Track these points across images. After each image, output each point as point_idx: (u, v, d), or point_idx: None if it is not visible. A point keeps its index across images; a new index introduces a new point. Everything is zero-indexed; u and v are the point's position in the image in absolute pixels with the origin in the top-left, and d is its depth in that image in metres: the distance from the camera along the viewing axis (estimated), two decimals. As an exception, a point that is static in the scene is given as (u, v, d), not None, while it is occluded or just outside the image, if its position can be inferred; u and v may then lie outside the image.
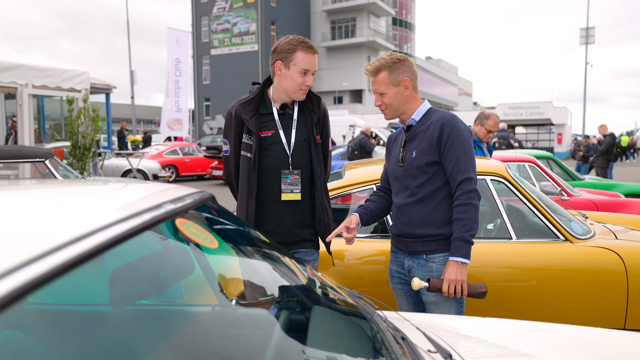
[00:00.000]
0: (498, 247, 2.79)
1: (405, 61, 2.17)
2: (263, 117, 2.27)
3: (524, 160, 6.11)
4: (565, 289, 2.67)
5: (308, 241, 2.34)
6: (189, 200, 1.20)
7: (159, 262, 1.15)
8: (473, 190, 2.04)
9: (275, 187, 2.26)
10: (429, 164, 2.12)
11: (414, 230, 2.17)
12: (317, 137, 2.30)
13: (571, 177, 7.50)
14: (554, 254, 2.72)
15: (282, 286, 1.55)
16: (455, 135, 2.07)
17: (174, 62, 20.02)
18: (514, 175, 3.00)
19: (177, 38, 20.02)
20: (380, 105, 2.20)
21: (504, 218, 2.84)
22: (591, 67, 31.76)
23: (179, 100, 20.63)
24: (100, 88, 11.42)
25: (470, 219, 2.02)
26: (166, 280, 1.21)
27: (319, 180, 2.29)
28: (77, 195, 1.26)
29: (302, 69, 2.18)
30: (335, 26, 43.87)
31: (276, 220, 2.28)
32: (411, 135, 2.21)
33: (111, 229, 0.84)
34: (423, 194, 2.14)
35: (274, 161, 2.25)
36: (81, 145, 8.75)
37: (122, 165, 12.92)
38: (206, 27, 40.54)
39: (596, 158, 12.59)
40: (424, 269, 2.17)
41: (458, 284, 2.02)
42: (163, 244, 1.14)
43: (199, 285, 1.44)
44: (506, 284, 2.70)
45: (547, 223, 2.80)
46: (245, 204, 2.26)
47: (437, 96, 54.33)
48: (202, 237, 1.24)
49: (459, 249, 2.02)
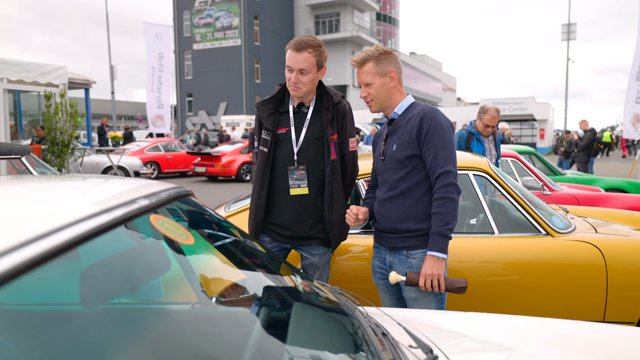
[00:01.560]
0: (480, 241, 2.81)
1: (391, 53, 2.19)
2: (282, 115, 2.42)
3: (506, 156, 6.19)
4: (547, 283, 2.70)
5: (316, 238, 2.41)
6: (164, 195, 1.18)
7: (132, 259, 1.13)
8: (451, 184, 2.04)
9: (286, 181, 2.38)
10: (408, 157, 2.11)
11: (394, 225, 2.17)
12: (333, 136, 2.37)
13: (553, 172, 7.60)
14: (536, 248, 2.75)
15: (263, 284, 1.53)
16: (435, 128, 2.07)
17: (157, 57, 19.77)
18: (497, 170, 3.02)
19: (156, 32, 19.75)
20: (366, 97, 2.20)
21: (486, 213, 2.86)
22: (572, 62, 32.24)
23: (161, 96, 20.40)
24: (79, 83, 11.22)
25: (448, 213, 2.02)
26: (140, 278, 1.18)
27: (327, 178, 2.36)
28: (49, 191, 1.23)
29: (287, 66, 2.30)
30: (319, 21, 43.76)
31: (285, 213, 2.39)
32: (392, 128, 2.21)
33: (80, 224, 0.81)
34: (403, 187, 2.14)
35: (284, 157, 2.38)
36: (59, 141, 8.60)
37: (103, 162, 12.73)
38: (188, 21, 40.08)
39: (577, 153, 12.78)
40: (404, 265, 2.17)
41: (435, 279, 2.02)
42: (137, 240, 1.12)
43: (178, 283, 1.42)
44: (488, 278, 2.73)
45: (528, 217, 2.83)
46: (257, 195, 2.42)
47: (422, 92, 54.61)
48: (178, 233, 1.21)
49: (436, 243, 2.02)
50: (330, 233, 2.40)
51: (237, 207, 3.14)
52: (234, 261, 1.56)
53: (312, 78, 2.31)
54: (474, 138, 4.83)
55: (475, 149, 4.80)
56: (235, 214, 3.03)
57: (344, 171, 2.47)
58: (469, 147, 4.80)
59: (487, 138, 4.89)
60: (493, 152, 4.91)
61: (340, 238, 2.48)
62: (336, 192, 2.40)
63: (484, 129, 4.79)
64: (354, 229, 2.93)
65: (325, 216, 2.39)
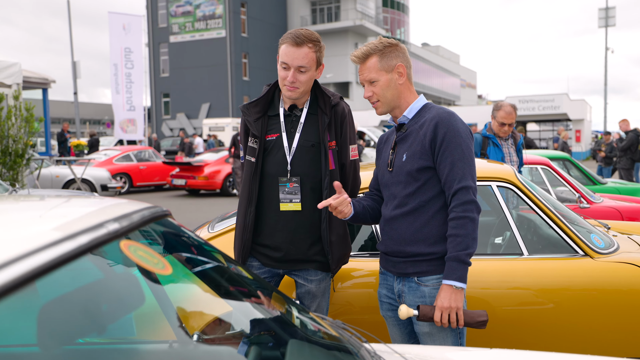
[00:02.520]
0: (507, 264, 2.80)
1: (397, 45, 2.21)
2: (271, 119, 2.44)
3: (536, 163, 6.20)
4: (586, 312, 2.70)
5: (313, 261, 2.41)
6: (136, 217, 1.19)
7: (100, 293, 1.13)
8: (471, 201, 2.05)
9: (277, 195, 2.39)
10: (420, 169, 2.12)
11: (403, 248, 2.17)
12: (331, 143, 2.40)
13: (591, 181, 7.62)
14: (573, 272, 2.75)
15: (252, 317, 1.53)
16: (452, 136, 2.08)
17: (123, 51, 19.89)
18: (524, 181, 3.04)
19: (123, 24, 19.89)
20: (371, 97, 2.21)
21: (513, 231, 2.87)
22: (612, 53, 32.51)
23: (132, 97, 20.49)
24: (36, 82, 11.27)
25: (467, 235, 2.02)
26: (109, 314, 1.18)
27: (326, 191, 2.37)
28: (2, 214, 1.23)
29: (281, 62, 2.32)
30: (316, 8, 44.13)
31: (277, 233, 2.39)
32: (402, 135, 2.22)
33: (38, 255, 0.82)
34: (414, 204, 2.14)
35: (274, 167, 2.39)
36: (12, 151, 8.61)
37: (64, 174, 12.74)
38: (164, 9, 40.39)
39: (619, 158, 12.80)
40: (415, 294, 2.16)
41: (452, 312, 2.01)
42: (105, 271, 1.12)
43: (153, 319, 1.42)
44: (517, 307, 2.72)
45: (563, 236, 2.83)
46: (244, 213, 2.42)
47: (436, 88, 54.92)
48: (153, 261, 1.22)
49: (453, 271, 2.02)
50: (330, 255, 2.40)
51: (222, 226, 3.15)
52: (218, 292, 1.56)
53: (310, 77, 2.34)
54: (490, 142, 4.78)
55: (492, 155, 4.74)
56: (221, 235, 3.03)
57: (344, 183, 2.47)
58: (485, 153, 4.75)
59: (506, 142, 4.84)
60: (514, 157, 4.86)
61: (341, 261, 2.48)
62: None
63: (500, 129, 4.74)
64: (359, 251, 2.93)
65: (324, 235, 2.39)
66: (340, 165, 2.46)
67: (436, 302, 2.04)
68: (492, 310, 2.66)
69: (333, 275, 2.51)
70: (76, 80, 22.87)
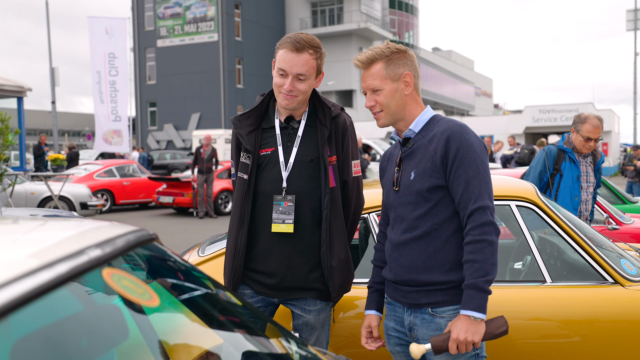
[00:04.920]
0: (528, 292, 2.80)
1: (405, 52, 2.22)
2: (266, 132, 2.45)
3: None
4: (617, 347, 2.69)
5: (312, 289, 2.41)
6: (121, 242, 1.19)
7: (79, 327, 1.13)
8: (489, 222, 2.04)
9: (271, 215, 2.38)
10: (431, 188, 2.12)
11: (415, 276, 2.16)
12: (332, 158, 2.40)
13: (621, 199, 7.62)
14: (601, 302, 2.74)
15: (247, 352, 1.53)
16: (466, 151, 2.08)
17: (107, 57, 20.02)
18: (547, 200, 3.04)
19: (106, 28, 20.05)
20: (374, 107, 2.22)
21: (534, 255, 2.86)
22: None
23: (117, 107, 20.59)
24: (10, 91, 11.34)
25: (486, 261, 2.01)
26: (90, 350, 1.18)
27: (326, 211, 2.37)
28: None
29: (278, 69, 2.32)
30: (317, 10, 44.50)
31: (271, 257, 2.39)
32: (408, 150, 2.22)
33: (12, 286, 0.82)
34: (425, 228, 2.14)
35: (269, 184, 2.39)
36: (-16, 166, 8.63)
37: (40, 191, 12.75)
38: (151, 11, 40.72)
39: (651, 174, 12.81)
40: (429, 327, 2.15)
41: (469, 346, 2.00)
42: (86, 303, 1.12)
43: (138, 355, 1.41)
44: (539, 340, 2.71)
45: (590, 261, 2.82)
46: (235, 235, 2.41)
47: (449, 97, 55.18)
48: (139, 292, 1.22)
49: (472, 300, 2.00)
50: (330, 282, 2.40)
51: (213, 249, 3.15)
52: (208, 322, 1.56)
53: (309, 86, 2.35)
54: (567, 157, 4.55)
55: (567, 171, 4.49)
56: (212, 259, 3.03)
57: (346, 202, 2.48)
58: (559, 169, 4.58)
59: (585, 159, 4.64)
60: (591, 178, 4.67)
61: (343, 288, 2.47)
62: (336, 229, 2.41)
63: (584, 145, 4.50)
64: (362, 277, 2.92)
65: (323, 260, 2.39)
66: (342, 183, 2.46)
67: (451, 332, 2.02)
68: (511, 343, 2.65)
69: (334, 305, 2.49)
70: (54, 88, 23.00)
